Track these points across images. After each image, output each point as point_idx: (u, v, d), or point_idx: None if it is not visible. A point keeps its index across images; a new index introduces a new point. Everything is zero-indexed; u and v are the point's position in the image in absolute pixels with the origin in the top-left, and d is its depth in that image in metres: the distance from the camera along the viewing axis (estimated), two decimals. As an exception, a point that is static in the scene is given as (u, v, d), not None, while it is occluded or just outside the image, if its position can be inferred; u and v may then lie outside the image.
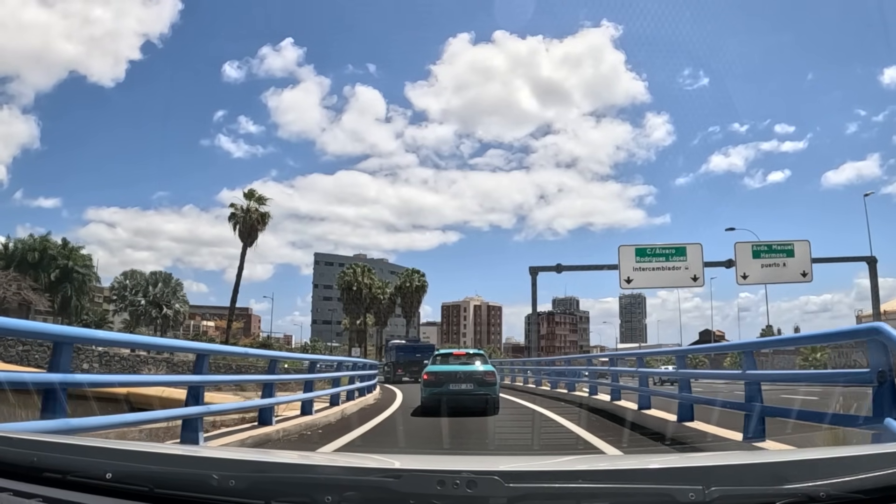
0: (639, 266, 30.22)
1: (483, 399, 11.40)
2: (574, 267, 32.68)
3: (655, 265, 30.31)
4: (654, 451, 7.16)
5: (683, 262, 30.41)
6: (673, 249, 30.57)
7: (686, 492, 1.33)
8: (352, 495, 1.42)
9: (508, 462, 1.95)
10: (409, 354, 34.64)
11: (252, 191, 47.53)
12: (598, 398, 13.20)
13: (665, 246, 30.84)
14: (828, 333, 7.71)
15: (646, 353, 15.14)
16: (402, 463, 1.79)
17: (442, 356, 13.34)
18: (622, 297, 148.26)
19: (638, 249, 30.60)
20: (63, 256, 66.68)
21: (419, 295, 71.47)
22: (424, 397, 11.70)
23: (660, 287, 32.04)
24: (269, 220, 47.58)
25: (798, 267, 31.58)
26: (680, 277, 30.36)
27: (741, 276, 31.25)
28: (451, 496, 1.37)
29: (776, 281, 31.96)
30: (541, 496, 1.41)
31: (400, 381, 30.20)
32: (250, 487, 1.48)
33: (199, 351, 6.94)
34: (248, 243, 46.17)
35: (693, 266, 30.47)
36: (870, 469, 1.39)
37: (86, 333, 7.36)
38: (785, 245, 31.83)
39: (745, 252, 31.40)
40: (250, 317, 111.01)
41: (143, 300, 66.85)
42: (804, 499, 1.35)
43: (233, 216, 46.54)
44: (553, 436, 8.72)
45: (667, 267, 30.36)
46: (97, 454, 1.71)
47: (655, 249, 30.63)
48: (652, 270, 30.27)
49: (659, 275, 30.33)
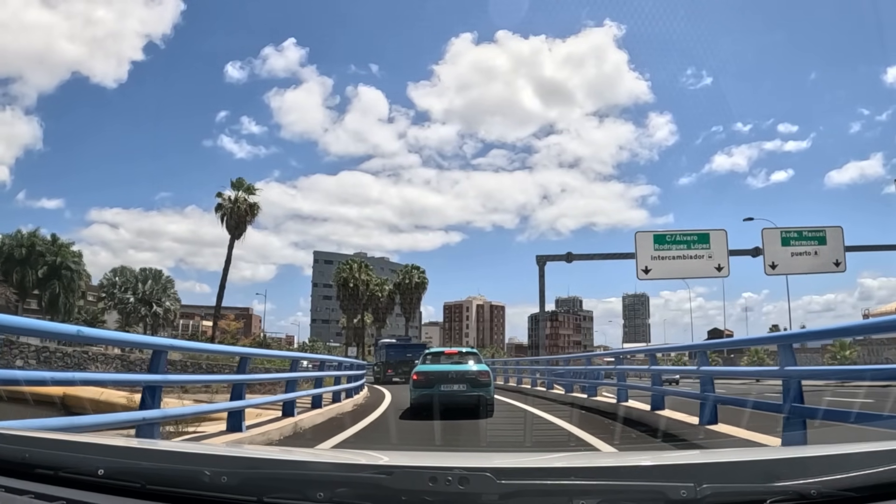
0: (657, 254, 27.35)
1: (476, 400, 10.84)
2: (586, 256, 29.78)
3: (676, 253, 27.43)
4: (647, 449, 7.14)
5: (706, 250, 27.55)
6: (695, 236, 27.68)
7: (678, 489, 1.33)
8: (344, 492, 1.42)
9: (500, 459, 2.12)
10: (400, 354, 32.71)
11: (240, 180, 44.83)
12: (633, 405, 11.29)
13: (686, 232, 27.95)
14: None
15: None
16: (394, 459, 1.82)
17: (433, 355, 12.74)
18: (625, 296, 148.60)
19: (656, 236, 27.74)
20: (52, 253, 64.48)
21: (419, 292, 68.76)
22: (414, 399, 11.13)
23: (681, 278, 29.13)
24: (258, 212, 44.86)
25: (830, 255, 28.73)
26: (702, 267, 27.50)
27: (769, 266, 28.42)
28: (443, 492, 1.37)
29: (807, 271, 29.06)
30: (532, 493, 1.41)
31: (390, 382, 28.75)
32: (242, 484, 1.48)
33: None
34: (235, 235, 43.44)
35: (717, 254, 27.61)
36: (861, 467, 1.38)
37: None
38: (816, 231, 28.97)
39: (773, 239, 28.54)
40: (251, 317, 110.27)
41: (133, 298, 64.24)
42: (795, 496, 1.35)
43: (220, 207, 43.80)
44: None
45: (688, 255, 27.49)
46: (89, 450, 1.72)
47: (676, 236, 27.75)
48: (672, 259, 27.40)
49: (679, 264, 27.45)
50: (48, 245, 65.02)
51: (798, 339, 6.93)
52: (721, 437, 6.60)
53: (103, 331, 14.52)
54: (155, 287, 65.51)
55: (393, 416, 11.60)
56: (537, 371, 20.06)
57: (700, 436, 6.92)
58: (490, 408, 10.97)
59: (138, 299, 64.35)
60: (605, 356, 20.35)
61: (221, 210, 43.72)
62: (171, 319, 67.96)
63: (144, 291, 64.72)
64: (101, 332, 8.36)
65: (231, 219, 43.32)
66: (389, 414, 12.00)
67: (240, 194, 44.04)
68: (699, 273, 27.95)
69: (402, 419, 10.92)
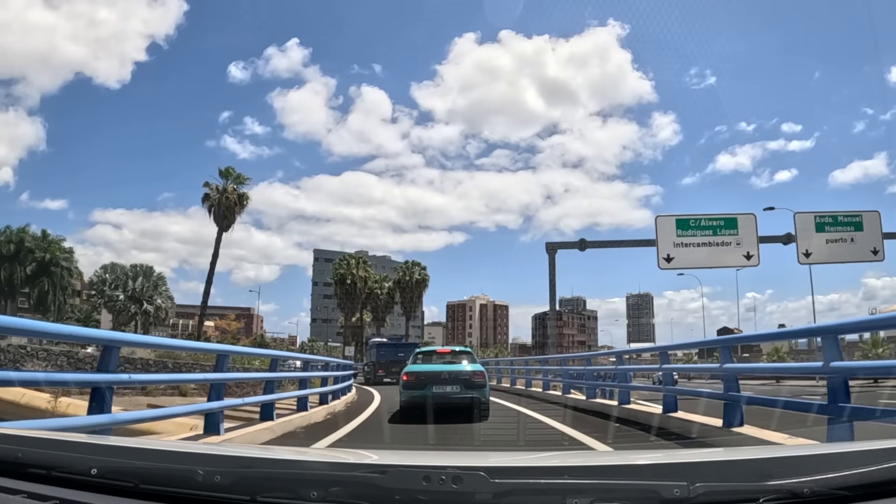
0: (680, 241, 24.74)
1: (471, 403, 10.29)
2: (601, 243, 27.08)
3: (700, 240, 24.80)
4: (641, 448, 7.15)
5: (734, 237, 24.92)
6: (721, 221, 25.04)
7: (671, 488, 1.33)
8: (337, 491, 1.42)
9: (494, 458, 2.03)
10: (391, 353, 31.26)
11: (229, 169, 42.35)
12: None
13: (712, 217, 25.27)
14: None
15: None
16: (387, 458, 1.81)
17: (424, 354, 12.16)
18: (629, 296, 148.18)
19: (679, 220, 25.08)
20: (41, 249, 62.34)
21: (420, 289, 66.16)
22: (403, 401, 10.58)
23: (706, 267, 26.18)
24: (248, 203, 42.40)
25: (868, 242, 26.11)
26: (730, 255, 24.86)
27: (803, 254, 25.80)
28: (437, 491, 1.37)
29: (843, 259, 26.40)
30: (526, 492, 1.41)
31: (381, 383, 27.77)
32: (236, 483, 1.48)
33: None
34: (223, 227, 40.93)
35: (746, 241, 24.98)
36: (854, 465, 1.38)
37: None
38: (852, 216, 26.34)
39: (806, 224, 25.88)
40: (252, 317, 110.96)
41: (122, 295, 61.83)
42: (788, 495, 1.35)
43: (206, 198, 41.31)
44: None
45: (714, 242, 24.85)
46: (82, 450, 1.72)
47: (700, 221, 25.07)
48: (696, 246, 24.76)
49: (705, 252, 24.79)
50: (38, 241, 63.08)
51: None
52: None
53: (27, 320, 12.42)
54: (146, 284, 63.10)
55: (380, 421, 11.06)
56: (549, 372, 17.75)
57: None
58: (485, 411, 10.45)
59: (128, 297, 61.96)
60: (640, 351, 18.13)
61: (209, 200, 41.24)
62: (162, 318, 65.42)
63: (134, 289, 62.25)
64: (23, 321, 6.20)
65: (219, 210, 40.85)
66: (375, 419, 11.43)
67: (228, 184, 41.57)
68: (726, 262, 25.28)
69: (391, 423, 10.43)
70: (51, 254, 63.06)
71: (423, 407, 9.68)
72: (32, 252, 62.45)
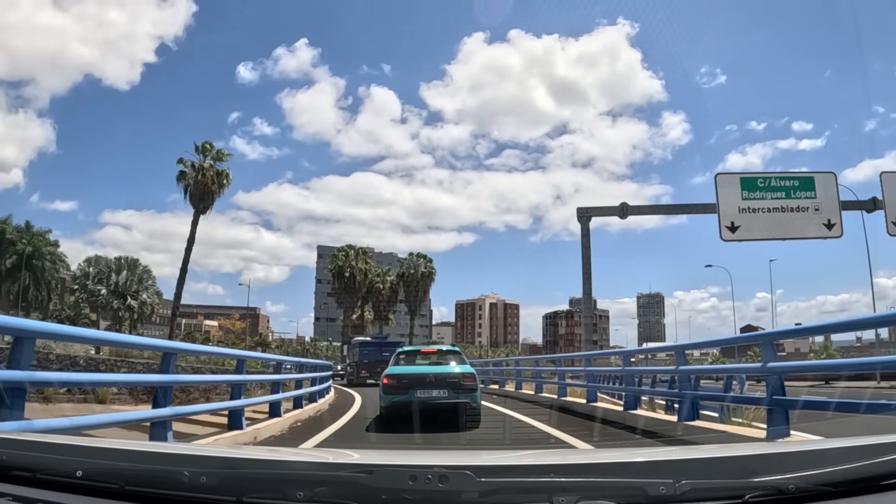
0: (746, 206, 19.70)
1: (459, 408, 9.37)
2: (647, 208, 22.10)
3: (771, 203, 19.74)
4: (627, 446, 7.16)
5: (812, 200, 19.83)
6: (796, 180, 20.00)
7: (657, 485, 1.34)
8: (324, 491, 1.42)
9: (481, 457, 1.99)
10: (375, 353, 29.45)
11: (207, 144, 37.64)
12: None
13: (784, 175, 20.26)
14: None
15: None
16: (374, 458, 1.80)
17: (407, 355, 11.30)
18: (640, 296, 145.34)
19: (744, 180, 20.04)
20: (23, 242, 58.17)
21: (426, 284, 61.26)
22: (384, 407, 9.68)
23: (779, 238, 20.83)
24: (228, 182, 37.62)
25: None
26: (807, 222, 19.75)
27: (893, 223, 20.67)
28: (424, 491, 1.36)
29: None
30: (513, 490, 1.40)
31: (364, 384, 26.41)
32: (221, 484, 1.47)
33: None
34: (200, 209, 36.22)
35: (826, 207, 19.88)
36: (838, 462, 1.39)
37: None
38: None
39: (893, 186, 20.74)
40: (258, 317, 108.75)
41: (104, 290, 57.40)
42: (773, 491, 1.36)
43: (182, 175, 36.62)
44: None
45: (788, 207, 19.77)
46: (67, 452, 1.70)
47: (770, 180, 20.02)
48: (766, 212, 19.71)
49: (777, 218, 19.70)
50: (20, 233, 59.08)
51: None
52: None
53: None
54: (130, 278, 58.58)
55: (356, 430, 10.19)
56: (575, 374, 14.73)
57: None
58: (476, 417, 9.56)
59: (111, 291, 57.49)
60: (694, 347, 13.56)
61: (184, 179, 36.56)
62: (147, 314, 60.93)
63: (118, 282, 57.78)
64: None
65: (195, 190, 36.15)
66: (351, 428, 10.50)
67: (206, 161, 36.83)
68: (803, 232, 20.05)
69: (368, 432, 9.65)
70: (33, 246, 58.86)
71: (405, 413, 8.98)
72: (13, 244, 58.34)
